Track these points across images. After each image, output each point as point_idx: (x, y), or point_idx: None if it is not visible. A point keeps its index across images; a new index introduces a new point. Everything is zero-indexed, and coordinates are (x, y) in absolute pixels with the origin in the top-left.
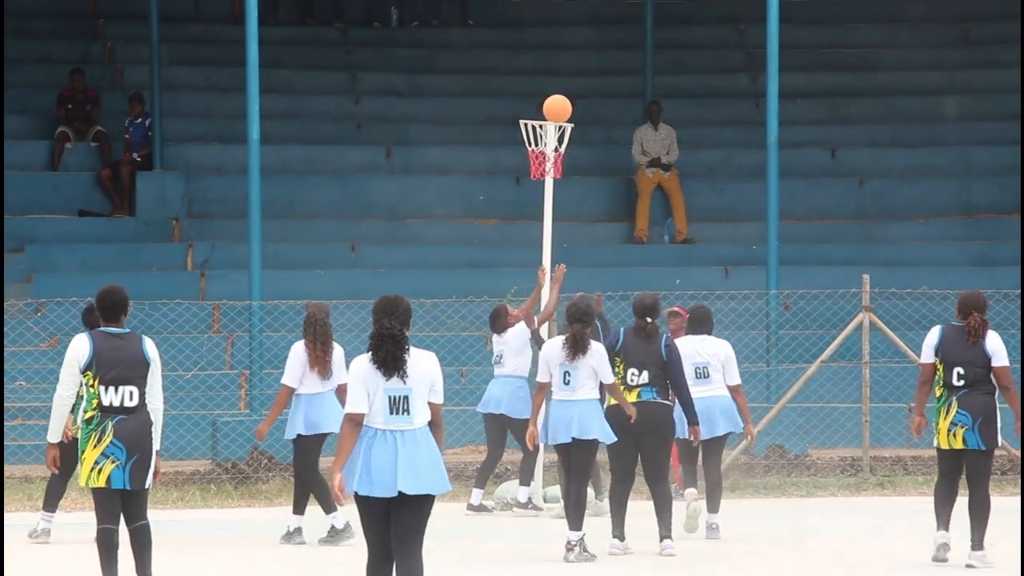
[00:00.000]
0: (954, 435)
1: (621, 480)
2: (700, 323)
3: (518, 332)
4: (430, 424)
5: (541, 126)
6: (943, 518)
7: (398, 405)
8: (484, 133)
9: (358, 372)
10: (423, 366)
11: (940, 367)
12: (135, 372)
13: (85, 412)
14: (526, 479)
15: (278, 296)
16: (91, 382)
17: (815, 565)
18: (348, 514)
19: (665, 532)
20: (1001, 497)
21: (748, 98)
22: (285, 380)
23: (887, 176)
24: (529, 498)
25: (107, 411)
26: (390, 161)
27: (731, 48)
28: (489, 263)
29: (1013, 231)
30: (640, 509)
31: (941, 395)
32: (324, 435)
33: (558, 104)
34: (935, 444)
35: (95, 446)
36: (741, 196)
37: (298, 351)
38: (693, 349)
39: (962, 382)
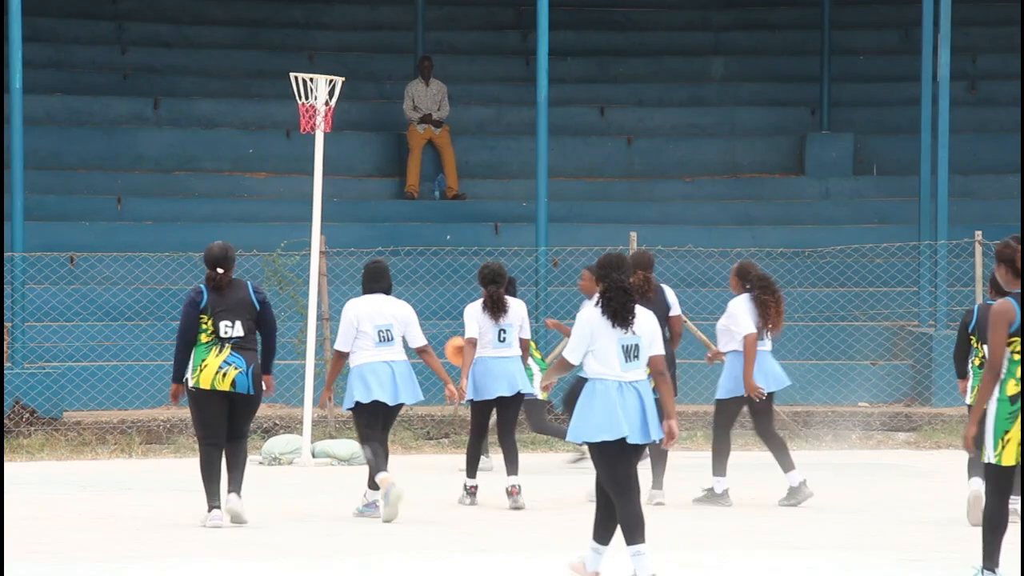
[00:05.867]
0: None
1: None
2: (377, 279)
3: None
4: (657, 374)
5: (312, 79)
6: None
7: (630, 353)
8: (254, 86)
9: (585, 325)
10: (647, 320)
11: None
12: None
13: None
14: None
15: (42, 248)
16: None
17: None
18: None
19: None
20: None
21: (519, 55)
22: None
23: (654, 135)
24: None
25: None
26: (158, 113)
27: (502, 5)
28: (258, 217)
29: (774, 190)
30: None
31: None
32: None
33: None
34: None
35: None
36: (511, 153)
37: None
38: (375, 309)
39: None
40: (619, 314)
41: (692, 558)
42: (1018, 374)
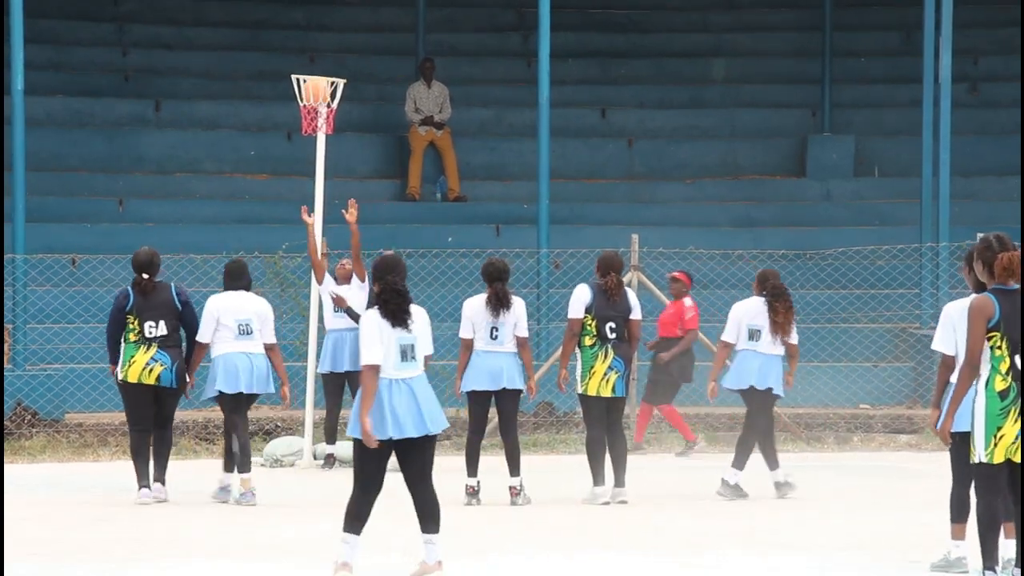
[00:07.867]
0: (607, 381)
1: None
2: (237, 277)
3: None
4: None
5: (313, 81)
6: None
7: (407, 353)
8: (255, 87)
9: (373, 325)
10: (421, 319)
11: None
12: None
13: None
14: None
15: (43, 250)
16: None
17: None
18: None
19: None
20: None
21: (520, 57)
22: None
23: (655, 137)
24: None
25: None
26: (159, 114)
27: (503, 7)
28: (259, 219)
29: (775, 192)
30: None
31: (593, 344)
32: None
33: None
34: (583, 392)
35: None
36: (512, 155)
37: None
38: (237, 305)
39: (614, 335)
40: (397, 315)
41: (692, 558)
42: (1002, 369)
